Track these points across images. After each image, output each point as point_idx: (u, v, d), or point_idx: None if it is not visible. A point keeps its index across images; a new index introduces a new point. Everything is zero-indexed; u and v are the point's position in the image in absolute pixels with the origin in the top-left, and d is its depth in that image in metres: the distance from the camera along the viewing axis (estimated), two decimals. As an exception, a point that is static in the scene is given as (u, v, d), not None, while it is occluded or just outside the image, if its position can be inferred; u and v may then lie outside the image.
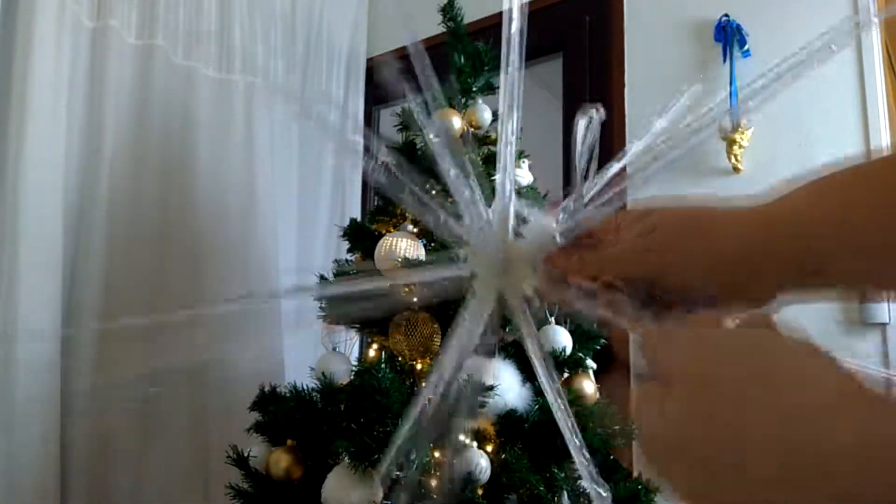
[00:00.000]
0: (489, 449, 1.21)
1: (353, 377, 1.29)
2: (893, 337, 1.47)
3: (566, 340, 1.32)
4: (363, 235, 1.43)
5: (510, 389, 1.18)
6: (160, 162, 1.79)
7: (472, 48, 1.52)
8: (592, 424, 1.23)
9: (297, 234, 2.21)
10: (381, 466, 1.00)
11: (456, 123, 1.43)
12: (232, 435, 1.37)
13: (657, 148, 0.36)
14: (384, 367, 1.23)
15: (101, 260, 1.63)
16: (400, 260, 1.24)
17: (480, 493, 1.12)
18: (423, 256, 1.27)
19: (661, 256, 0.37)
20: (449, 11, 1.56)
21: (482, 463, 1.13)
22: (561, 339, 1.31)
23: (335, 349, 1.36)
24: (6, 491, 1.37)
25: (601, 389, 1.37)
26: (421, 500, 1.07)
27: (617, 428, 1.29)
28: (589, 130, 0.39)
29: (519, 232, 0.42)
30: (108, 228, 1.65)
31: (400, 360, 1.28)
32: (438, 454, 1.13)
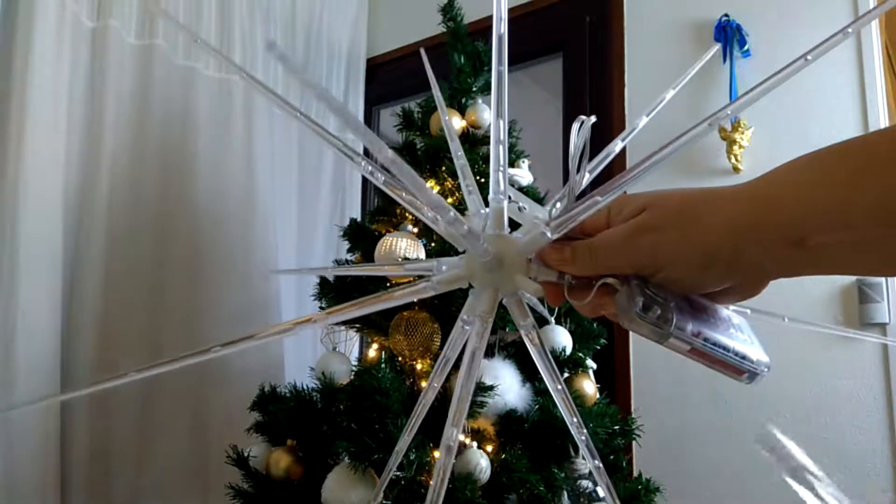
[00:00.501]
0: (489, 449, 1.21)
1: (353, 377, 1.29)
2: (894, 337, 1.48)
3: (566, 340, 1.31)
4: (363, 235, 1.43)
5: (510, 389, 1.18)
6: (160, 162, 1.79)
7: (472, 48, 1.53)
8: (592, 424, 1.23)
9: (297, 234, 2.21)
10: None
11: (456, 123, 1.44)
12: (232, 435, 1.37)
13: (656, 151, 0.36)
14: (384, 367, 1.23)
15: (101, 260, 1.63)
16: (400, 260, 1.24)
17: (480, 493, 1.12)
18: (423, 256, 1.27)
19: (651, 236, 0.37)
20: (449, 11, 1.56)
21: (482, 463, 1.13)
22: (561, 339, 1.31)
23: (335, 349, 1.36)
24: (6, 491, 1.37)
25: (601, 389, 1.37)
26: (421, 500, 1.06)
27: (617, 428, 1.29)
28: (582, 128, 0.40)
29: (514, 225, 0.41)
30: (108, 228, 1.65)
31: (400, 360, 1.28)
32: (438, 454, 1.13)
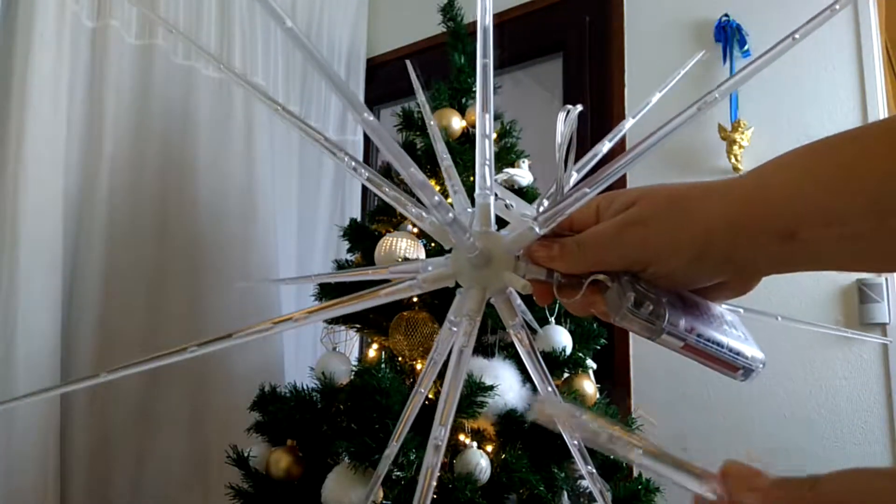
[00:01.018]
0: (489, 449, 1.21)
1: (353, 377, 1.29)
2: (894, 337, 1.47)
3: (566, 340, 1.31)
4: (363, 235, 1.43)
5: (510, 389, 1.18)
6: (160, 162, 1.79)
7: (472, 48, 1.52)
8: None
9: (297, 234, 2.21)
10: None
11: (455, 124, 1.43)
12: (232, 435, 1.37)
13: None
14: (384, 367, 1.23)
15: (101, 260, 1.63)
16: (400, 260, 1.24)
17: (480, 493, 1.12)
18: (423, 256, 1.27)
19: (641, 229, 0.37)
20: (449, 11, 1.56)
21: (482, 463, 1.13)
22: (561, 339, 1.31)
23: (335, 349, 1.36)
24: (6, 491, 1.37)
25: (601, 389, 1.37)
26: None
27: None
28: (567, 121, 0.39)
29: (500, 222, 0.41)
30: (108, 228, 1.65)
31: (400, 360, 1.28)
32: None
